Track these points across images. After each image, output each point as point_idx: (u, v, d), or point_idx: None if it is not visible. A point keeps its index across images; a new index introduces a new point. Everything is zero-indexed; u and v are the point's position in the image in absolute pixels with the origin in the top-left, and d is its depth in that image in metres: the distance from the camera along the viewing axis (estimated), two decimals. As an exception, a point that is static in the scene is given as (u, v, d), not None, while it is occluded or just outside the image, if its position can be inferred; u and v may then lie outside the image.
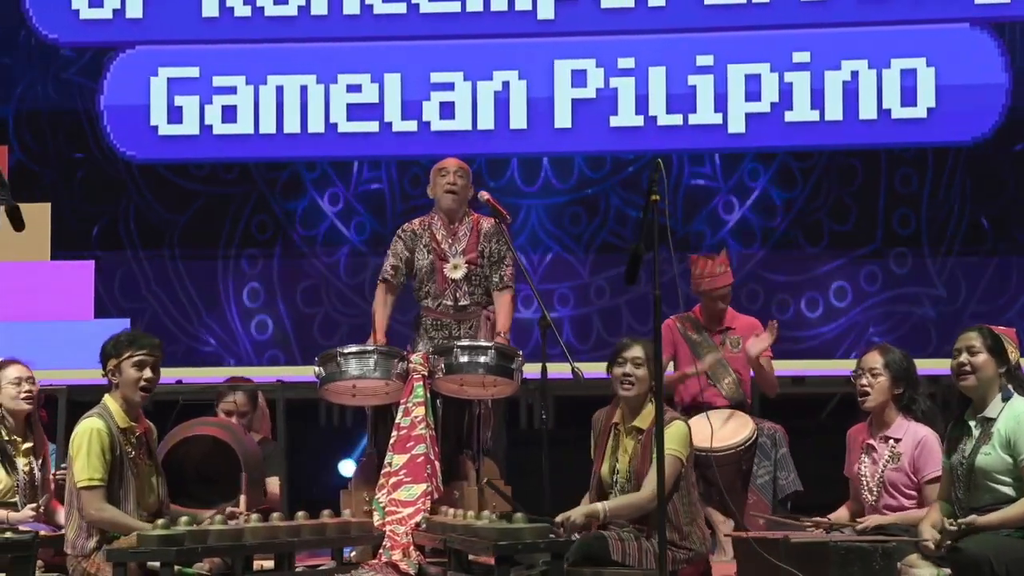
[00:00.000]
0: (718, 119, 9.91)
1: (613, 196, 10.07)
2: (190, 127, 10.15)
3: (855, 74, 9.83)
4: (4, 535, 5.71)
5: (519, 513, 5.49)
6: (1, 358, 6.98)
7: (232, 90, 10.17)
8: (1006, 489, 5.54)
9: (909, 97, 9.77)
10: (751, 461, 7.29)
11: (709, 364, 7.62)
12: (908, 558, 5.35)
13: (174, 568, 5.13)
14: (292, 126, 10.12)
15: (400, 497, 6.45)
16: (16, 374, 6.80)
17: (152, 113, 10.17)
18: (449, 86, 10.09)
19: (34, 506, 6.57)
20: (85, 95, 10.21)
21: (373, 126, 10.11)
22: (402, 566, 6.23)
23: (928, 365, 8.55)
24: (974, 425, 5.62)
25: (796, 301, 9.88)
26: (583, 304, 9.97)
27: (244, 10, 10.18)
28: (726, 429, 7.17)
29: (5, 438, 6.73)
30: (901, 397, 6.17)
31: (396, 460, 6.55)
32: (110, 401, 5.91)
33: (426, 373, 6.72)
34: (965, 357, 5.65)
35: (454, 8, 10.13)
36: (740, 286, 9.27)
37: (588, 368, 7.17)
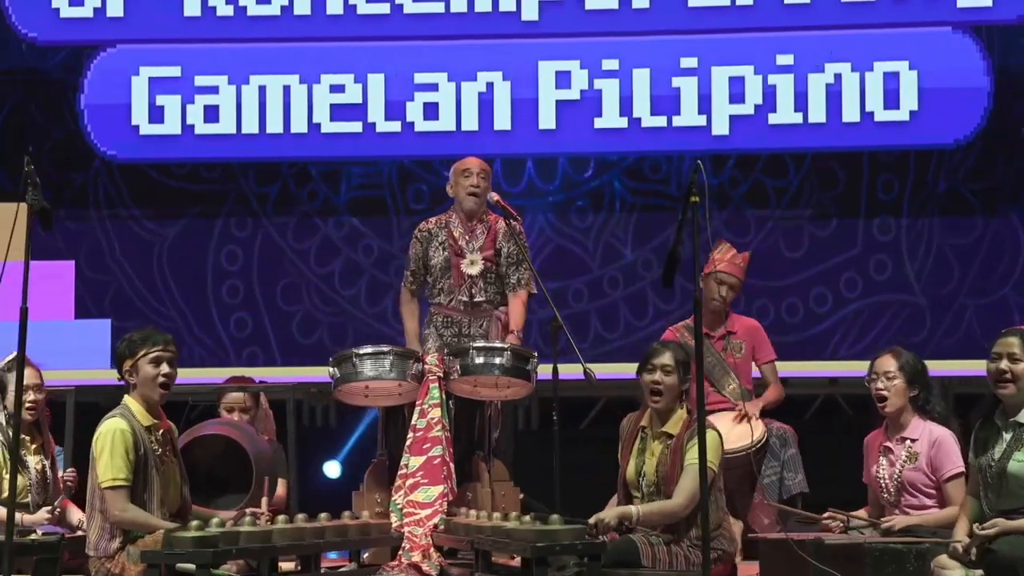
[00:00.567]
0: (702, 121, 9.93)
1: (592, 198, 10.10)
2: (171, 127, 10.08)
3: (838, 77, 9.88)
4: (28, 537, 5.65)
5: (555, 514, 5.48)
6: (13, 354, 6.86)
7: (214, 90, 10.11)
8: (1037, 494, 5.54)
9: (892, 100, 9.82)
10: (761, 464, 7.29)
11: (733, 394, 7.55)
12: (939, 559, 5.37)
13: (209, 570, 5.09)
14: (275, 126, 10.07)
15: (417, 499, 6.44)
16: (24, 381, 6.68)
17: (133, 112, 10.09)
18: (433, 87, 10.07)
19: (49, 508, 6.51)
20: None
21: (357, 126, 10.07)
22: (424, 567, 6.22)
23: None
24: (1003, 427, 5.61)
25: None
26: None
27: (226, 9, 10.12)
28: (736, 431, 7.18)
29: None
30: (916, 398, 6.21)
31: (413, 462, 6.54)
32: (131, 401, 5.87)
33: (441, 374, 6.71)
34: (1006, 364, 5.57)
35: (438, 9, 10.10)
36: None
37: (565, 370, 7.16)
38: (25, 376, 6.53)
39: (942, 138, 9.83)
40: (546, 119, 10.00)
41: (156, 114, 10.09)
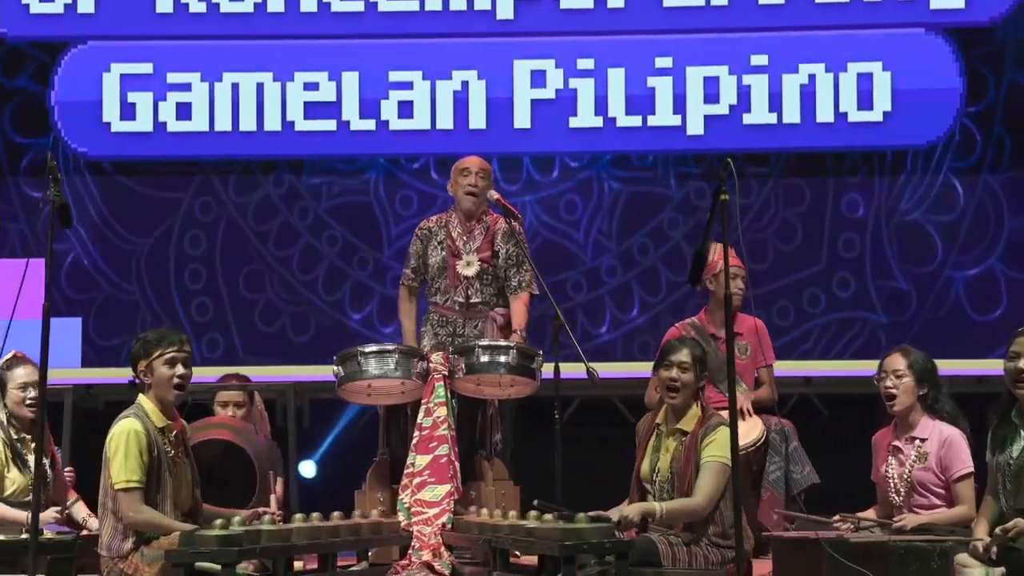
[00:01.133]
0: (677, 121, 9.96)
1: (572, 196, 10.10)
2: (143, 124, 10.00)
3: (812, 77, 9.93)
4: (44, 536, 5.58)
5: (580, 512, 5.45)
6: (12, 352, 6.79)
7: (187, 87, 10.03)
8: (1056, 493, 5.56)
9: (866, 101, 9.89)
10: (762, 462, 7.28)
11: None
12: (959, 557, 5.39)
13: (235, 568, 5.05)
14: (248, 124, 10.01)
15: (425, 497, 6.40)
16: (23, 378, 6.62)
17: (104, 109, 10.00)
18: (407, 85, 10.03)
19: (59, 508, 6.44)
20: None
21: (330, 124, 10.02)
22: (436, 566, 6.19)
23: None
24: (1020, 425, 5.64)
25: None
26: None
27: (199, 6, 10.05)
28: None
29: (15, 436, 6.58)
30: (925, 397, 6.23)
31: (419, 460, 6.50)
32: (145, 401, 5.80)
33: (446, 373, 6.68)
34: None
35: (412, 7, 10.08)
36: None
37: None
38: (25, 373, 6.53)
39: (915, 139, 9.90)
40: (521, 118, 9.99)
41: (128, 111, 10.01)
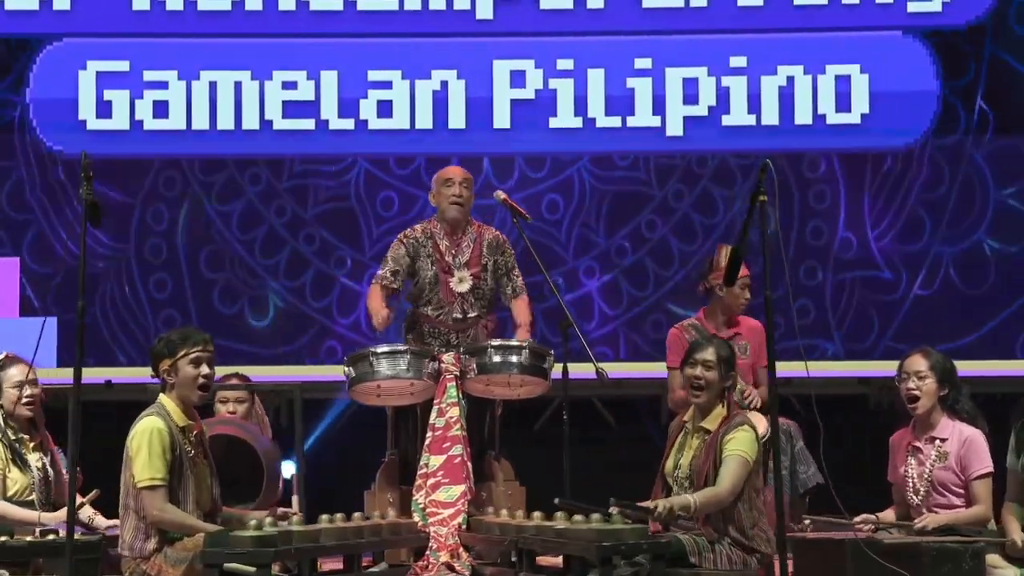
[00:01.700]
0: (656, 122, 9.98)
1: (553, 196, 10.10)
2: (120, 122, 9.91)
3: (791, 79, 9.99)
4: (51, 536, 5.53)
5: (612, 510, 5.43)
6: (3, 353, 6.72)
7: (164, 85, 9.95)
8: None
9: (843, 103, 9.95)
10: (764, 463, 7.28)
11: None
12: (991, 557, 5.44)
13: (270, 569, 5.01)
14: (226, 123, 9.95)
15: (440, 498, 6.40)
16: (18, 376, 6.56)
17: (80, 107, 9.91)
18: (387, 84, 10.00)
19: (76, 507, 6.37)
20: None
21: (309, 124, 9.98)
22: (457, 567, 6.18)
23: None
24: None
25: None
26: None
27: (176, 3, 9.98)
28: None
29: (13, 437, 6.51)
30: (946, 398, 6.27)
31: (433, 461, 6.49)
32: (166, 401, 5.75)
33: (458, 373, 6.65)
34: None
35: (392, 6, 10.05)
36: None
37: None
38: (19, 372, 6.47)
39: (893, 141, 9.97)
40: (501, 118, 9.99)
41: (104, 109, 9.93)
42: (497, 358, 6.72)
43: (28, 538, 5.73)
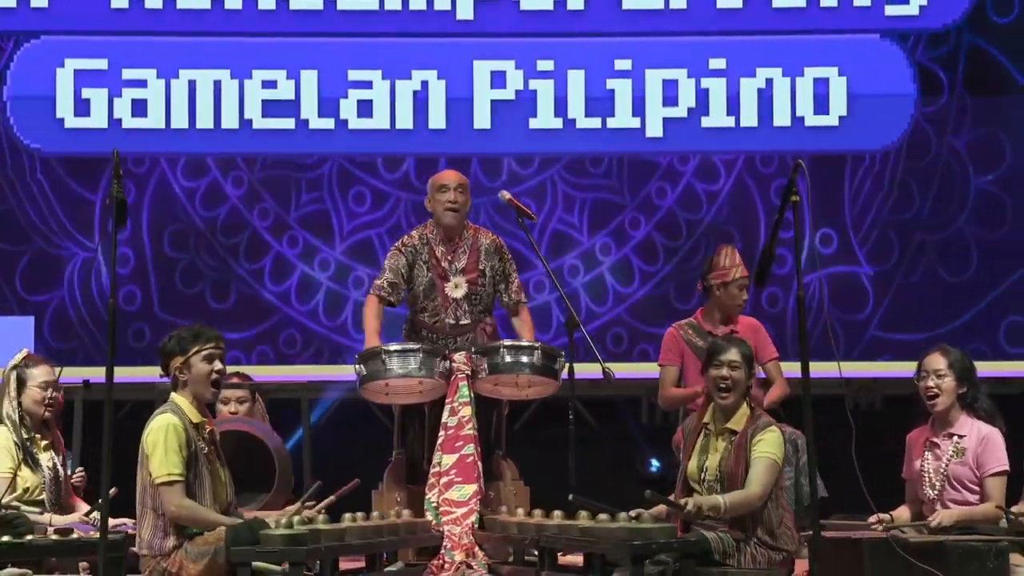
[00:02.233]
0: (636, 123, 10.01)
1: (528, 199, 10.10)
2: (98, 120, 9.84)
3: (769, 82, 10.05)
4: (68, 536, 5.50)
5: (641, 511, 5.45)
6: (26, 351, 6.68)
7: (142, 83, 9.89)
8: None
9: (822, 105, 10.02)
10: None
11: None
12: (1016, 556, 5.47)
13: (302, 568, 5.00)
14: (205, 122, 9.89)
15: (452, 497, 6.40)
16: (43, 377, 6.55)
17: (58, 105, 9.84)
18: (367, 84, 9.99)
19: (87, 510, 6.34)
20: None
21: (289, 123, 9.95)
22: (473, 565, 6.18)
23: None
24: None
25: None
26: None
27: (155, 2, 9.92)
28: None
29: (25, 436, 6.47)
30: (964, 396, 6.33)
31: (445, 460, 6.48)
32: (179, 399, 5.73)
33: (469, 372, 6.65)
34: None
35: (372, 6, 10.04)
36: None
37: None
38: (42, 372, 6.43)
39: (870, 143, 10.04)
40: (481, 119, 9.99)
41: (82, 107, 9.86)
42: (509, 358, 6.72)
43: (54, 536, 5.68)
